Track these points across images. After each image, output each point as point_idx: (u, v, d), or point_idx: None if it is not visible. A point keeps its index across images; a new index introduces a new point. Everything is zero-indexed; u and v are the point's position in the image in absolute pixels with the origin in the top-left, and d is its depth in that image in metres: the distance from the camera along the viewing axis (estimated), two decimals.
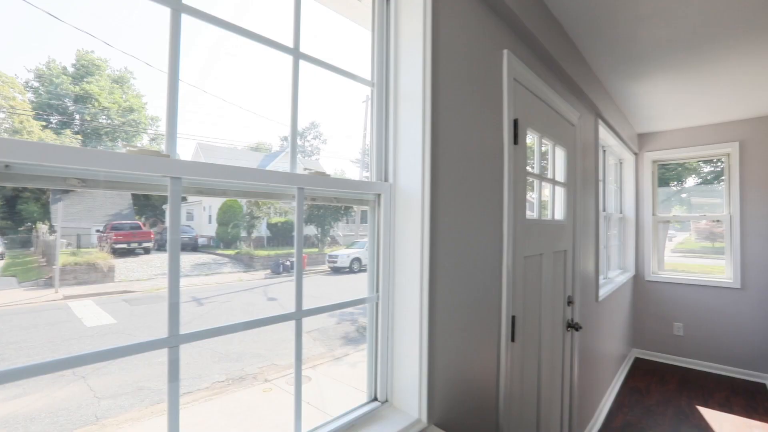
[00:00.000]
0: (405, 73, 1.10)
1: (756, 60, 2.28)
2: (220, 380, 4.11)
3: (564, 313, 2.06)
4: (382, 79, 1.13)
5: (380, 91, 1.13)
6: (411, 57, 1.09)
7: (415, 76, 1.07)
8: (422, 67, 1.05)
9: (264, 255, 10.16)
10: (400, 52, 1.12)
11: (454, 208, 1.18)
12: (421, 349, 1.06)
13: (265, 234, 11.32)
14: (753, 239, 3.45)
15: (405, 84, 1.10)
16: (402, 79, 1.11)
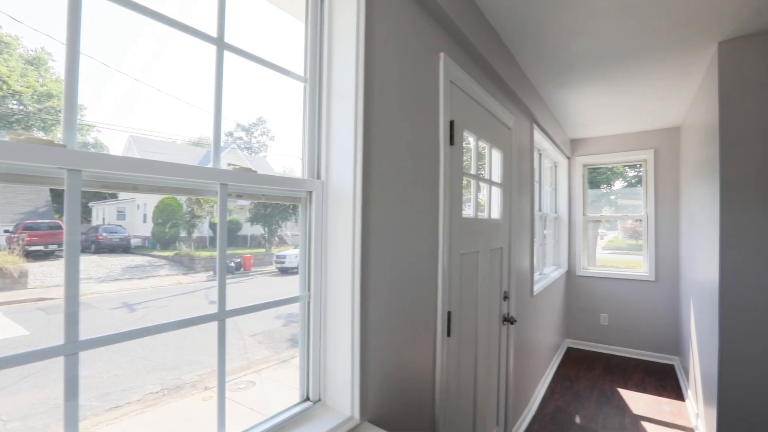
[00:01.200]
0: (338, 69, 1.09)
1: (663, 78, 2.55)
2: (154, 391, 3.84)
3: (500, 307, 2.16)
4: (315, 75, 1.11)
5: (313, 87, 1.11)
6: (344, 54, 1.08)
7: (348, 74, 1.07)
8: (355, 64, 1.05)
9: (206, 256, 9.60)
10: (334, 48, 1.10)
11: (388, 206, 1.19)
12: (353, 346, 1.05)
13: (208, 234, 10.71)
14: (664, 237, 3.85)
15: (338, 81, 1.09)
16: (335, 75, 1.10)
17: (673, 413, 2.87)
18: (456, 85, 1.59)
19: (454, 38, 1.61)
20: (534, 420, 2.77)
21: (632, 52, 2.20)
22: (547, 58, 2.28)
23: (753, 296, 2.00)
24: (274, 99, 8.99)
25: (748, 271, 2.01)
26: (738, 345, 2.04)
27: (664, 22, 1.88)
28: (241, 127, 19.54)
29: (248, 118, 5.54)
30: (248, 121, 8.87)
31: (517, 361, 2.51)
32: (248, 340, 6.52)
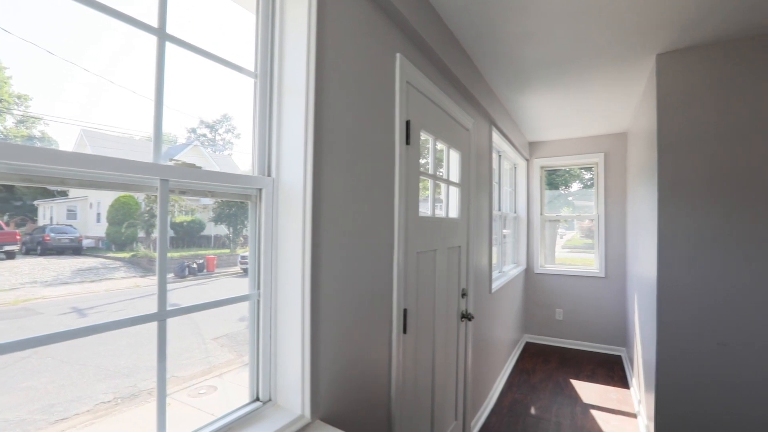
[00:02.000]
0: (290, 65, 1.09)
1: (611, 85, 2.71)
2: (105, 400, 3.63)
3: (458, 304, 2.21)
4: (266, 70, 1.10)
5: (264, 83, 1.10)
6: (296, 50, 1.08)
7: (299, 70, 1.06)
8: (306, 60, 1.05)
9: (167, 257, 9.21)
10: (285, 43, 1.10)
11: (341, 204, 1.19)
12: (304, 345, 1.05)
13: (169, 234, 10.31)
14: (613, 236, 4.09)
15: (289, 77, 1.09)
16: (287, 71, 1.09)
17: (619, 400, 3.06)
18: (413, 86, 1.62)
19: (410, 40, 1.64)
20: (492, 412, 2.86)
21: (582, 59, 2.32)
22: (503, 63, 2.37)
23: (686, 290, 2.17)
24: (239, 95, 8.75)
25: (682, 266, 2.18)
26: (673, 335, 2.20)
27: (609, 33, 1.99)
28: (205, 123, 18.36)
29: (213, 115, 5.32)
30: (213, 117, 8.67)
31: (475, 357, 2.58)
32: (210, 343, 6.31)
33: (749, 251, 2.03)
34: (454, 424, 2.21)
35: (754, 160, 2.02)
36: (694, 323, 2.15)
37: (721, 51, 2.09)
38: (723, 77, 2.09)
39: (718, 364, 2.10)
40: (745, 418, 2.04)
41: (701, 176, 2.13)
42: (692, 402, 2.15)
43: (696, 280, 2.14)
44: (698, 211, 2.14)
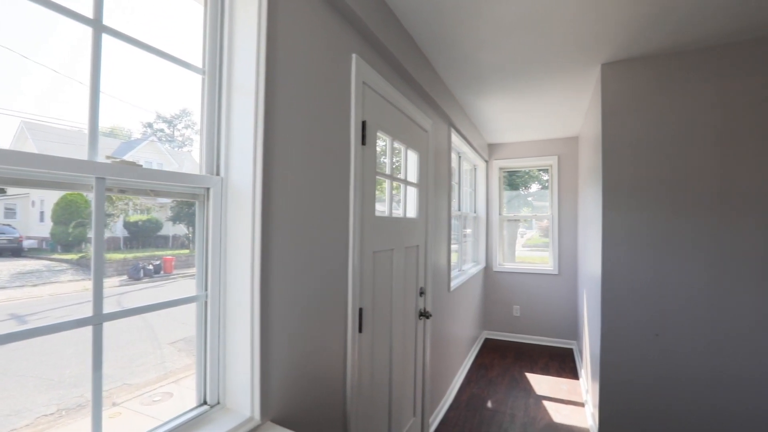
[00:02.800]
0: (239, 62, 1.07)
1: (562, 92, 2.85)
2: (48, 413, 3.40)
3: (416, 303, 2.26)
4: (215, 67, 1.08)
5: (212, 79, 1.08)
6: (245, 46, 1.06)
7: (248, 68, 1.05)
8: (256, 57, 1.04)
9: (120, 258, 8.74)
10: (235, 40, 1.08)
11: (294, 204, 1.19)
12: (253, 346, 1.04)
13: (122, 234, 9.76)
14: (566, 235, 4.31)
15: (239, 74, 1.07)
16: (236, 69, 1.08)
17: (569, 391, 3.23)
18: (369, 87, 1.64)
19: (367, 41, 1.65)
20: (451, 408, 2.94)
21: (534, 66, 2.43)
22: (460, 66, 2.44)
23: (627, 286, 2.33)
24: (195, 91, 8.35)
25: (623, 263, 2.34)
26: (615, 328, 2.36)
27: (557, 43, 2.10)
28: (162, 118, 17.64)
29: (171, 109, 5.08)
30: (171, 112, 8.40)
31: (434, 353, 2.64)
32: (167, 348, 6.04)
33: (682, 250, 2.21)
34: (412, 420, 2.25)
35: (687, 166, 2.20)
36: (634, 316, 2.31)
37: (658, 64, 2.26)
38: (660, 88, 2.26)
39: (655, 354, 2.27)
40: (677, 400, 2.22)
41: (641, 180, 2.29)
42: (632, 389, 2.32)
43: (635, 276, 2.31)
44: (638, 213, 2.30)
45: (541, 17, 1.85)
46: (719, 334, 2.13)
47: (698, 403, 2.17)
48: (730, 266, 2.11)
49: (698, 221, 2.17)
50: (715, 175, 2.14)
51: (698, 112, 2.18)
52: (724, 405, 2.12)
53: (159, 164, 1.30)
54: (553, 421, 2.76)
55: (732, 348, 2.11)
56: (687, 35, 2.01)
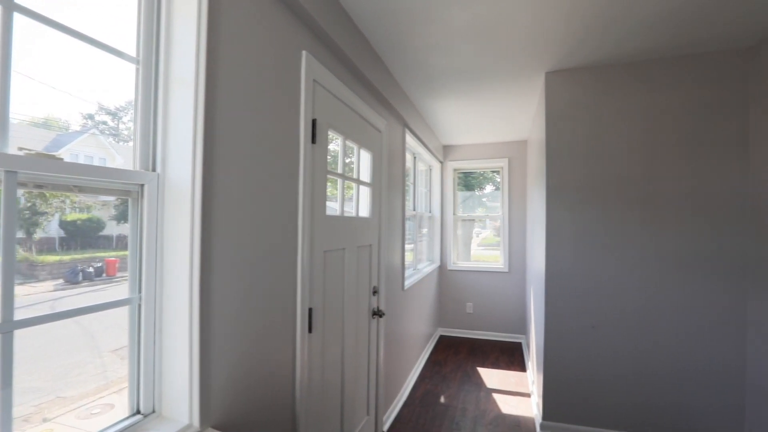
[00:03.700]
0: (178, 53, 1.02)
1: (511, 97, 2.99)
2: None
3: (369, 302, 2.27)
4: (151, 56, 1.02)
5: (147, 70, 1.02)
6: (184, 36, 1.01)
7: (187, 59, 1.00)
8: (196, 48, 0.99)
9: (55, 261, 8.01)
10: (173, 29, 1.03)
11: (239, 203, 1.15)
12: (192, 350, 0.99)
13: (57, 234, 8.98)
14: (515, 234, 4.52)
15: (177, 66, 1.02)
16: (174, 59, 1.02)
17: (517, 383, 3.39)
18: (320, 85, 1.62)
19: (319, 39, 1.64)
20: (405, 405, 2.98)
21: (484, 72, 2.52)
22: (414, 69, 2.48)
23: (568, 281, 2.48)
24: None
25: (565, 261, 2.49)
26: (557, 321, 2.51)
27: (505, 49, 2.20)
28: (106, 110, 16.65)
29: (116, 101, 4.57)
30: (116, 103, 7.72)
31: (388, 352, 2.67)
32: (108, 356, 5.61)
33: (615, 247, 2.39)
34: (366, 419, 2.26)
35: (619, 170, 2.38)
36: (573, 310, 2.47)
37: (596, 75, 2.43)
38: (597, 97, 2.43)
39: (591, 344, 2.44)
40: (611, 386, 2.40)
41: (579, 182, 2.45)
42: (571, 377, 2.47)
43: (576, 272, 2.46)
44: (578, 213, 2.46)
45: (489, 25, 1.93)
46: (647, 321, 2.33)
47: (629, 383, 2.36)
48: (655, 261, 2.31)
49: (629, 221, 2.35)
50: (643, 179, 2.33)
51: (629, 121, 2.37)
52: (651, 383, 2.32)
53: (101, 159, 1.22)
54: (501, 412, 2.87)
55: (657, 332, 2.32)
56: (620, 49, 2.18)
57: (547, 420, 2.51)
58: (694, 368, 2.26)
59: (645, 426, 2.33)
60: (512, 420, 2.76)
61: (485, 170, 4.89)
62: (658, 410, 2.31)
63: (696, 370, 2.25)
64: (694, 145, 2.25)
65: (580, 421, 2.45)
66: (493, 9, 1.79)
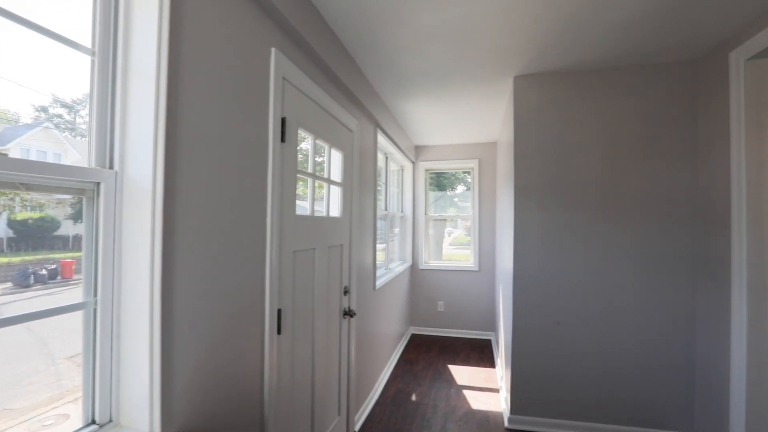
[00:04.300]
0: (137, 45, 0.98)
1: (482, 99, 3.05)
2: None
3: (340, 302, 2.26)
4: (108, 48, 0.97)
5: (104, 62, 0.97)
6: (145, 27, 0.97)
7: (148, 51, 0.96)
8: (158, 40, 0.95)
9: (2, 263, 7.47)
10: (132, 19, 0.98)
11: (205, 202, 1.12)
12: (153, 356, 0.96)
13: (5, 234, 8.38)
14: (485, 233, 4.62)
15: (137, 59, 0.98)
16: (134, 51, 0.98)
17: (486, 379, 3.47)
18: (290, 83, 1.60)
19: (289, 36, 1.61)
20: (377, 404, 2.98)
21: (454, 74, 2.57)
22: (385, 69, 2.49)
23: (534, 279, 2.56)
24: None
25: (532, 259, 2.57)
26: (524, 318, 2.58)
27: (475, 53, 2.24)
28: (61, 102, 15.83)
29: (73, 93, 4.24)
30: (73, 96, 7.29)
31: (360, 352, 2.66)
32: (63, 364, 5.29)
33: (578, 246, 2.49)
34: (337, 419, 2.24)
35: (581, 172, 2.48)
36: (540, 307, 2.55)
37: (561, 80, 2.52)
38: (562, 101, 2.52)
39: (557, 340, 2.53)
40: (574, 380, 2.50)
41: (546, 184, 2.54)
42: (537, 372, 2.56)
43: (542, 270, 2.55)
44: (544, 213, 2.55)
45: (459, 29, 1.96)
46: (607, 318, 2.45)
47: (591, 377, 2.47)
48: (615, 260, 2.43)
49: (592, 221, 2.46)
50: (602, 180, 2.45)
51: (591, 126, 2.47)
52: (609, 372, 2.44)
53: (56, 155, 1.15)
54: (471, 408, 2.93)
55: (617, 328, 2.44)
56: (583, 57, 2.27)
57: (515, 414, 2.59)
58: (650, 362, 2.39)
59: (606, 418, 2.45)
60: (482, 415, 2.82)
61: (456, 171, 4.97)
62: (618, 403, 2.43)
63: (652, 365, 2.39)
64: (650, 151, 2.39)
65: (546, 414, 2.54)
66: (464, 13, 1.82)
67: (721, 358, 2.07)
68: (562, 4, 1.74)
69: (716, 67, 2.13)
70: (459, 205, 5.33)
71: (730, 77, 1.98)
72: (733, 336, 1.96)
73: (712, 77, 2.17)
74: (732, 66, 1.97)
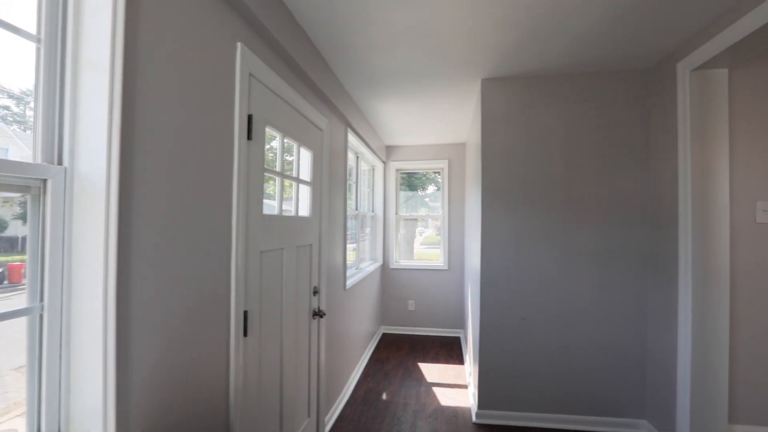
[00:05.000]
0: (89, 34, 0.92)
1: (451, 101, 3.10)
2: None
3: (310, 302, 2.23)
4: (55, 35, 0.91)
5: (51, 50, 0.91)
6: (98, 16, 0.92)
7: (101, 39, 0.91)
8: (111, 28, 0.90)
9: None
10: (83, 5, 0.93)
11: (164, 201, 1.07)
12: (107, 363, 0.90)
13: None
14: (454, 233, 4.71)
15: (89, 48, 0.92)
16: (85, 41, 0.92)
17: (455, 376, 3.53)
18: (257, 80, 1.56)
19: (257, 32, 1.57)
20: (347, 404, 2.97)
21: (425, 74, 2.59)
22: (356, 68, 2.48)
23: (500, 277, 2.63)
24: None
25: (498, 257, 2.64)
26: (491, 314, 2.65)
27: (444, 54, 2.27)
28: (8, 93, 14.88)
29: (22, 83, 3.84)
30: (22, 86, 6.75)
31: (330, 352, 2.64)
32: (10, 375, 4.89)
33: (541, 245, 2.58)
34: (307, 421, 2.21)
35: (544, 174, 2.58)
36: (505, 303, 2.63)
37: (525, 84, 2.61)
38: (526, 105, 2.61)
39: (522, 335, 2.61)
40: (538, 373, 2.59)
41: (512, 184, 2.61)
42: (503, 367, 2.63)
43: (508, 268, 2.62)
44: (509, 213, 2.62)
45: (429, 30, 1.98)
46: (567, 313, 2.55)
47: (551, 367, 2.57)
48: (574, 257, 2.54)
49: (552, 221, 2.56)
50: (563, 182, 2.55)
51: (553, 128, 2.57)
52: (569, 365, 2.55)
53: (2, 149, 1.07)
54: (441, 404, 2.98)
55: (576, 323, 2.55)
56: (546, 63, 2.36)
57: (482, 408, 2.65)
58: (607, 355, 2.51)
59: (567, 408, 2.55)
60: (450, 411, 2.87)
61: (427, 171, 5.03)
62: (578, 394, 2.54)
63: (608, 357, 2.51)
64: (607, 155, 2.51)
65: (512, 408, 2.62)
66: (433, 14, 1.84)
67: (669, 349, 2.21)
68: (526, 13, 1.80)
69: (666, 76, 2.27)
70: (430, 205, 5.39)
71: (677, 86, 2.12)
72: (680, 328, 2.10)
73: (662, 86, 2.31)
74: (679, 76, 2.11)
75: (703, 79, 2.04)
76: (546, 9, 1.78)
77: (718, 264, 2.01)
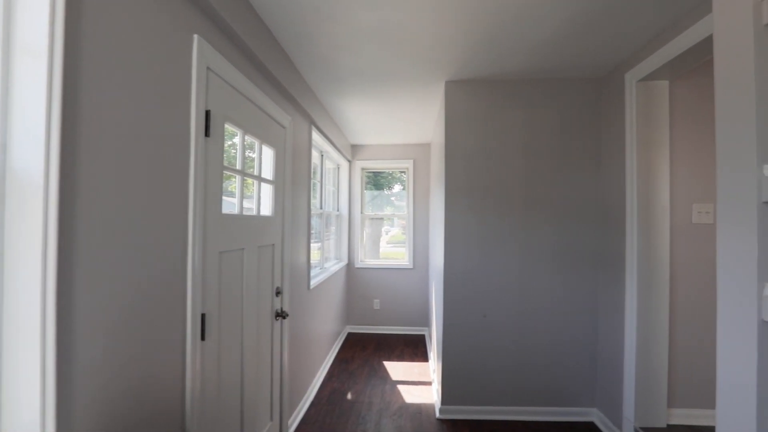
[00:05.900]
0: (23, 17, 0.85)
1: (416, 101, 3.13)
2: None
3: (272, 303, 2.18)
4: None
5: None
6: None
7: (39, 26, 0.84)
8: (50, 14, 0.84)
9: None
10: None
11: (112, 199, 1.01)
12: (45, 375, 0.84)
13: None
14: (419, 232, 4.77)
15: (24, 33, 0.85)
16: (19, 25, 0.85)
17: (420, 373, 3.58)
18: (216, 74, 1.50)
19: (214, 23, 1.51)
20: (312, 405, 2.93)
21: (390, 74, 2.60)
22: (320, 67, 2.45)
23: (463, 275, 2.70)
24: None
25: (460, 256, 2.70)
26: (454, 312, 2.71)
27: (408, 55, 2.29)
28: None
29: None
30: None
31: (294, 353, 2.60)
32: None
33: (501, 244, 2.67)
34: (269, 425, 2.17)
35: (504, 176, 2.66)
36: (468, 301, 2.69)
37: (487, 87, 2.68)
38: (488, 108, 2.68)
39: (482, 331, 2.69)
40: (498, 368, 2.68)
41: (473, 185, 2.68)
42: (466, 363, 2.70)
43: (470, 266, 2.69)
44: (471, 213, 2.69)
45: (394, 30, 1.99)
46: (525, 310, 2.66)
47: (509, 362, 2.67)
48: (532, 256, 2.65)
49: (512, 221, 2.66)
50: (522, 184, 2.65)
51: (512, 131, 2.67)
52: (526, 359, 2.66)
53: None
54: (405, 402, 3.01)
55: (534, 320, 2.65)
56: (505, 68, 2.44)
57: (446, 404, 2.71)
58: (562, 349, 2.64)
59: (524, 401, 2.66)
60: (415, 408, 2.90)
61: (392, 170, 5.06)
62: (535, 387, 2.66)
63: (563, 351, 2.64)
64: (562, 158, 2.64)
65: (473, 402, 2.69)
66: (398, 15, 1.85)
67: (617, 341, 2.36)
68: (488, 20, 1.85)
69: (615, 85, 2.41)
70: (396, 204, 5.42)
71: (625, 96, 2.27)
72: (626, 321, 2.25)
73: (612, 95, 2.45)
74: (627, 86, 2.25)
75: (647, 90, 2.18)
76: (508, 16, 1.84)
77: (659, 261, 2.17)
